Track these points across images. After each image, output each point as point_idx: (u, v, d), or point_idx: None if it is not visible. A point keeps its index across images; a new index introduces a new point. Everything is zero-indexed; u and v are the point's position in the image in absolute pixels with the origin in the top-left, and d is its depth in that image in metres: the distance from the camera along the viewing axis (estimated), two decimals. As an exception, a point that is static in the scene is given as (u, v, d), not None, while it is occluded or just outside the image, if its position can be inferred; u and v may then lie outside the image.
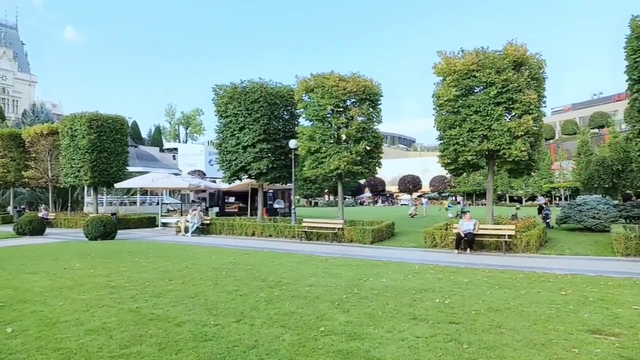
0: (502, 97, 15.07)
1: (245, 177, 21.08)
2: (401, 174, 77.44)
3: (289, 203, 30.54)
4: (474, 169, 16.82)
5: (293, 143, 19.65)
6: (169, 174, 28.41)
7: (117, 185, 25.36)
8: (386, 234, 18.46)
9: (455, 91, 15.68)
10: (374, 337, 5.49)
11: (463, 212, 15.99)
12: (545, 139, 54.74)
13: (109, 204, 36.03)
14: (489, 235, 15.14)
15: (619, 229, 14.79)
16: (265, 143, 19.63)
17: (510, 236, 14.61)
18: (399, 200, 77.03)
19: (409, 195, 76.97)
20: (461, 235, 14.81)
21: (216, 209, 29.34)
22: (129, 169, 27.91)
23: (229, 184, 21.99)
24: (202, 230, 21.15)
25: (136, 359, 4.89)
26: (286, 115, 21.07)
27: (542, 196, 43.49)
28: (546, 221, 20.58)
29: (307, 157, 18.96)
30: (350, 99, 18.40)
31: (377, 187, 78.71)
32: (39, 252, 14.49)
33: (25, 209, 32.37)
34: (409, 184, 76.25)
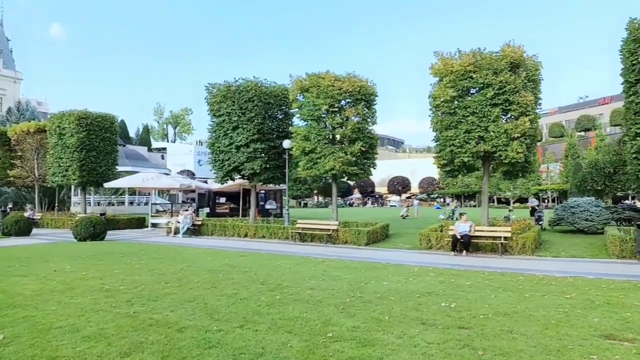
0: (499, 99, 14.99)
1: (238, 177, 20.80)
2: (390, 175, 77.58)
3: (280, 204, 30.33)
4: (469, 170, 16.77)
5: (287, 143, 19.43)
6: (160, 173, 27.99)
7: (106, 185, 24.88)
8: (380, 235, 18.34)
9: (452, 92, 15.58)
10: (384, 344, 5.31)
11: (460, 214, 15.91)
12: (533, 141, 55.14)
13: (97, 204, 35.46)
14: (485, 237, 15.09)
15: (614, 231, 14.83)
16: (259, 143, 19.37)
17: (506, 238, 14.57)
18: (388, 202, 77.20)
19: (398, 197, 77.23)
20: (457, 237, 14.74)
21: (207, 210, 28.96)
22: (118, 168, 27.42)
23: (221, 184, 21.69)
24: (193, 231, 20.82)
25: (139, 367, 4.66)
26: (280, 115, 20.81)
27: (535, 198, 43.71)
28: (539, 223, 20.63)
29: (301, 158, 18.75)
30: (345, 99, 18.22)
31: (366, 188, 78.79)
32: (26, 253, 14.05)
33: (11, 208, 31.63)
34: (398, 186, 76.55)
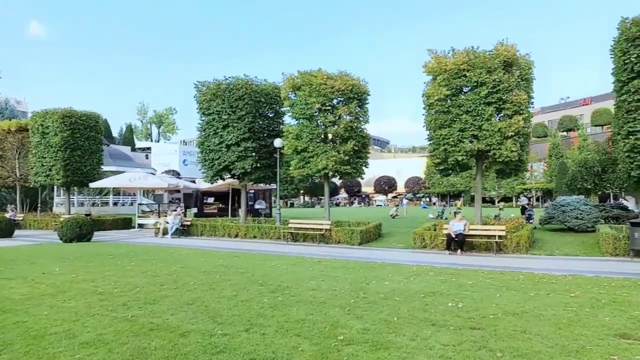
0: (492, 97, 14.98)
1: (228, 176, 20.47)
2: (376, 175, 77.63)
3: (269, 203, 30.03)
4: (463, 169, 16.75)
5: (278, 142, 19.18)
6: (147, 173, 27.45)
7: (92, 185, 24.29)
8: (373, 235, 18.21)
9: (446, 90, 15.53)
10: (398, 346, 5.14)
11: (455, 213, 15.87)
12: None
13: (80, 205, 34.67)
14: (479, 236, 15.06)
15: (606, 229, 14.93)
16: (249, 142, 19.07)
17: (500, 237, 14.56)
18: (374, 202, 77.38)
19: (384, 196, 77.46)
20: (452, 236, 14.69)
21: (194, 210, 28.51)
22: (103, 168, 26.81)
23: (211, 183, 21.33)
24: (182, 231, 20.44)
25: (144, 376, 4.41)
26: (270, 113, 20.54)
27: (524, 197, 44.18)
28: (529, 221, 20.77)
29: (293, 157, 18.53)
30: (337, 97, 18.04)
31: (352, 188, 78.83)
32: (11, 255, 13.54)
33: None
34: (385, 185, 76.73)
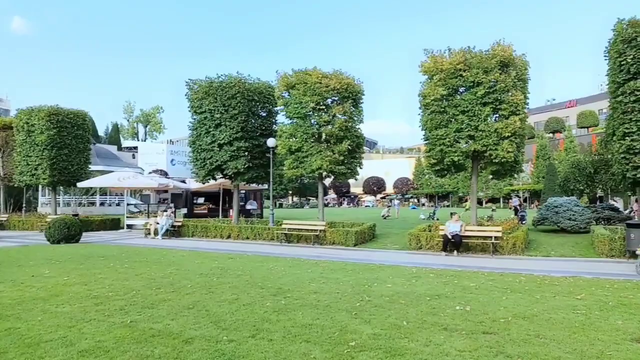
0: (489, 98, 14.94)
1: (220, 176, 20.16)
2: (364, 176, 77.62)
3: (260, 204, 29.74)
4: (458, 169, 16.69)
5: (272, 141, 18.93)
6: (136, 173, 26.96)
7: (79, 185, 23.73)
8: (368, 235, 18.05)
9: (442, 90, 15.46)
10: (414, 353, 4.96)
11: (451, 214, 15.78)
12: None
13: (66, 205, 34.00)
14: (475, 237, 15.00)
15: (601, 230, 14.96)
16: (242, 141, 18.79)
17: (497, 238, 14.51)
18: (362, 202, 77.41)
19: (372, 197, 77.54)
20: (448, 237, 14.60)
21: (184, 210, 28.10)
22: (90, 167, 26.24)
23: (202, 183, 20.99)
24: (172, 232, 20.07)
25: (151, 386, 4.16)
26: (263, 112, 20.28)
27: (517, 197, 44.35)
28: (522, 222, 20.80)
29: (287, 156, 18.30)
30: (332, 96, 17.86)
31: (341, 188, 78.73)
32: (-4, 257, 13.11)
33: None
34: (374, 186, 76.84)
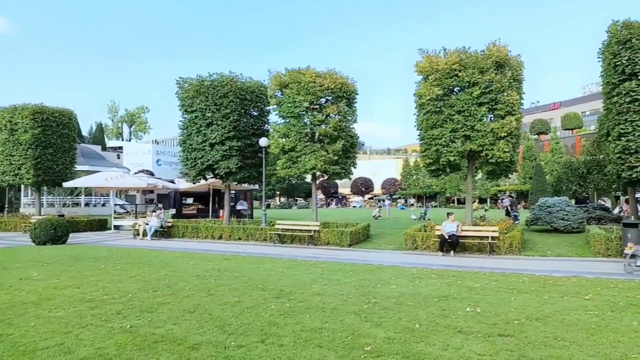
0: (485, 98, 14.88)
1: (211, 176, 19.80)
2: (352, 176, 77.57)
3: (250, 204, 29.40)
4: (454, 169, 16.61)
5: (264, 141, 18.63)
6: (124, 172, 26.40)
7: (65, 185, 23.14)
8: (362, 236, 17.89)
9: (438, 90, 15.35)
10: (433, 358, 4.76)
11: (448, 214, 15.67)
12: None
13: (50, 205, 33.19)
14: (472, 237, 14.92)
15: (597, 230, 14.99)
16: (234, 140, 18.45)
17: (494, 238, 14.45)
18: (350, 203, 77.39)
19: (360, 197, 77.58)
20: (445, 237, 14.50)
21: (172, 211, 27.61)
22: (75, 167, 25.63)
23: (193, 183, 20.60)
24: (162, 233, 19.64)
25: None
26: (256, 112, 19.97)
27: (510, 197, 44.60)
28: (515, 223, 20.81)
29: (280, 156, 18.04)
30: (326, 96, 17.64)
31: (329, 189, 78.56)
32: (-20, 259, 12.60)
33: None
34: (362, 186, 76.87)
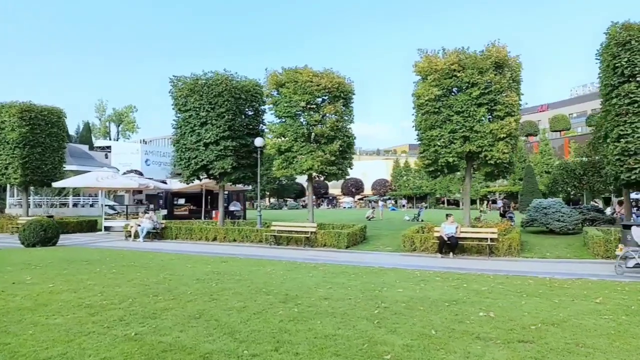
0: (484, 98, 14.82)
1: (205, 177, 19.46)
2: (343, 177, 77.44)
3: (243, 205, 29.08)
4: (452, 170, 16.53)
5: (259, 141, 18.36)
6: (114, 172, 25.90)
7: (55, 185, 22.60)
8: (359, 237, 17.71)
9: (437, 91, 15.25)
10: (457, 366, 4.58)
11: (447, 215, 15.57)
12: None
13: (37, 206, 32.49)
14: (471, 238, 14.82)
15: (595, 231, 14.98)
16: (229, 140, 18.12)
17: (493, 239, 14.37)
18: (340, 204, 77.32)
19: (350, 198, 77.54)
20: (444, 239, 14.37)
21: (164, 212, 27.18)
22: (64, 167, 25.08)
23: (187, 183, 20.23)
24: (155, 234, 19.26)
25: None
26: (251, 111, 19.67)
27: (506, 199, 44.68)
28: (511, 224, 20.80)
29: (276, 157, 17.80)
30: (323, 96, 17.45)
31: (320, 189, 78.34)
32: (-32, 262, 12.15)
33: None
34: (352, 187, 76.79)
